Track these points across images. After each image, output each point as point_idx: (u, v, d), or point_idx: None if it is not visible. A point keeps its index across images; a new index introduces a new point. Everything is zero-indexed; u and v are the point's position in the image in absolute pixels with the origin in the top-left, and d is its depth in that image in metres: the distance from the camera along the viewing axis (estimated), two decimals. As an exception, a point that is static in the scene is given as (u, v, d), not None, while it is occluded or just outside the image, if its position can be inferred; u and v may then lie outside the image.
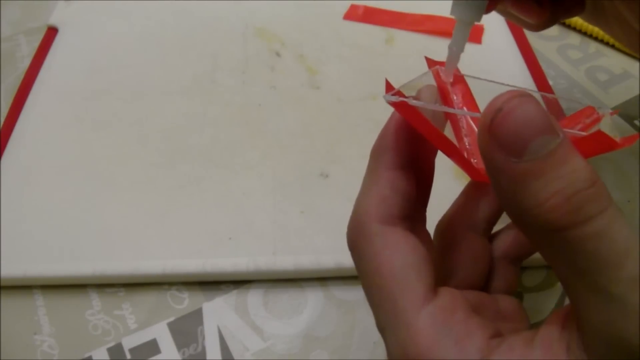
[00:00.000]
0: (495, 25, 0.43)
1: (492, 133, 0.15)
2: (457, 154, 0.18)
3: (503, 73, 0.39)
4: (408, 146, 0.18)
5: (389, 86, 0.17)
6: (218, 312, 0.28)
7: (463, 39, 0.22)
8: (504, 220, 0.23)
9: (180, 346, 0.27)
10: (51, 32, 0.43)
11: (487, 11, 0.24)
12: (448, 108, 0.20)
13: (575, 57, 0.42)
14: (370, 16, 0.44)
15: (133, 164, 0.34)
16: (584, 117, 0.20)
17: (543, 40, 0.43)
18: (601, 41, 0.43)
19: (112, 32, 0.43)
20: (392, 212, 0.18)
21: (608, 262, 0.14)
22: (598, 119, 0.20)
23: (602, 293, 0.14)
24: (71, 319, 0.28)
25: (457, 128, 0.20)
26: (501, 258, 0.23)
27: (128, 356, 0.27)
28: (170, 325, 0.28)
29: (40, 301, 0.29)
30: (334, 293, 0.29)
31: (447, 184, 0.23)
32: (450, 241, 0.22)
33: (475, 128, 0.20)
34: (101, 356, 0.27)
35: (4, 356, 0.27)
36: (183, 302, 0.29)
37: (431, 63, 0.22)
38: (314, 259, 0.29)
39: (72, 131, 0.36)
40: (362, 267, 0.18)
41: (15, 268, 0.29)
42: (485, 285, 0.22)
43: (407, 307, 0.16)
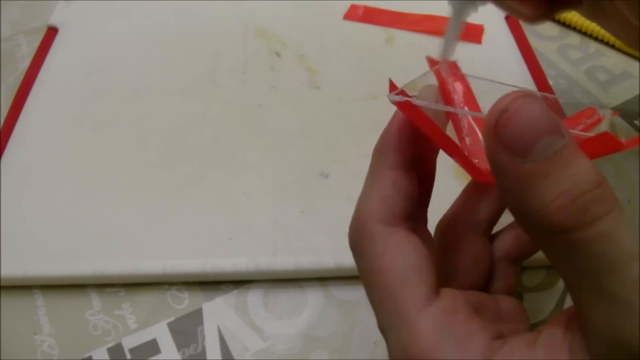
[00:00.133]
0: (495, 25, 0.43)
1: (497, 134, 0.14)
2: (459, 154, 0.18)
3: (503, 73, 0.39)
4: (410, 146, 0.18)
5: (393, 86, 0.17)
6: (218, 312, 0.28)
7: (456, 29, 0.22)
8: (504, 220, 0.23)
9: (180, 346, 0.27)
10: (51, 32, 0.43)
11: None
12: (452, 108, 0.20)
13: (575, 57, 0.42)
14: (370, 16, 0.44)
15: (133, 164, 0.34)
16: (585, 118, 0.20)
17: (543, 40, 0.43)
18: (601, 41, 0.43)
19: (112, 32, 0.43)
20: (394, 212, 0.18)
21: (613, 264, 0.14)
22: (599, 120, 0.20)
23: (606, 295, 0.14)
24: (71, 319, 0.28)
25: (459, 127, 0.20)
26: (502, 258, 0.23)
27: (128, 356, 0.27)
28: (170, 325, 0.28)
29: (40, 301, 0.29)
30: (334, 293, 0.29)
31: (448, 184, 0.23)
32: (450, 241, 0.22)
33: (476, 128, 0.20)
34: (101, 356, 0.27)
35: (4, 356, 0.27)
36: (183, 302, 0.29)
37: (433, 63, 0.22)
38: (314, 259, 0.29)
39: (72, 131, 0.36)
40: (364, 267, 0.18)
41: (15, 268, 0.29)
42: (485, 285, 0.22)
43: (409, 308, 0.16)
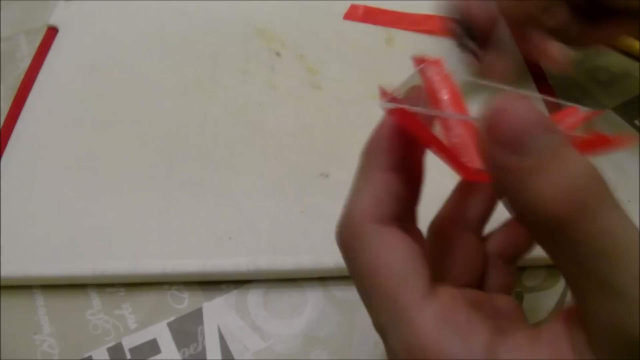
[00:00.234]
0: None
1: (493, 133, 0.15)
2: (448, 154, 0.18)
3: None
4: (400, 148, 0.19)
5: (384, 93, 0.17)
6: (218, 312, 0.28)
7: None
8: (498, 219, 0.23)
9: (180, 346, 0.27)
10: (51, 32, 0.43)
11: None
12: (442, 112, 0.20)
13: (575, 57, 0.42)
14: (370, 16, 0.44)
15: (133, 164, 0.34)
16: (568, 117, 0.20)
17: (543, 40, 0.43)
18: (601, 41, 0.43)
19: (112, 32, 0.43)
20: (387, 213, 0.18)
21: (613, 259, 0.14)
22: (582, 119, 0.20)
23: (607, 289, 0.14)
24: (71, 319, 0.28)
25: (447, 128, 0.20)
26: (497, 257, 0.23)
27: (128, 356, 0.27)
28: (170, 325, 0.28)
29: (40, 301, 0.29)
30: (334, 293, 0.29)
31: (445, 184, 0.23)
32: (443, 241, 0.22)
33: (464, 128, 0.20)
34: (101, 356, 0.27)
35: (4, 356, 0.27)
36: (183, 302, 0.29)
37: (418, 62, 0.22)
38: (314, 259, 0.29)
39: (72, 131, 0.36)
40: (358, 268, 0.18)
41: (15, 268, 0.29)
42: (481, 285, 0.22)
43: (408, 306, 0.16)
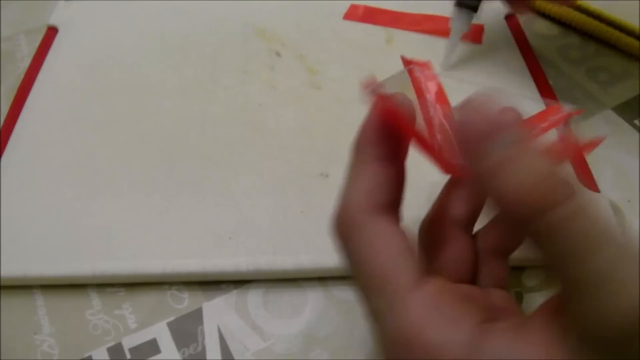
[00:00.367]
0: (495, 25, 0.43)
1: (460, 136, 0.16)
2: (430, 149, 0.19)
3: (503, 73, 0.39)
4: (388, 139, 0.19)
5: (367, 84, 0.18)
6: (218, 312, 0.28)
7: (458, 36, 0.23)
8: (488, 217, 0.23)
9: (180, 346, 0.27)
10: (51, 32, 0.43)
11: None
12: (420, 105, 0.21)
13: (575, 57, 0.42)
14: (370, 16, 0.44)
15: (133, 164, 0.34)
16: (550, 116, 0.21)
17: (543, 40, 0.43)
18: (601, 41, 0.43)
19: (112, 32, 0.43)
20: (379, 202, 0.19)
21: (581, 248, 0.14)
22: (563, 118, 0.21)
23: (578, 281, 0.14)
24: (71, 319, 0.28)
25: (430, 124, 0.21)
26: (488, 253, 0.23)
27: (128, 356, 0.27)
28: (170, 325, 0.28)
29: (40, 301, 0.29)
30: (334, 293, 0.29)
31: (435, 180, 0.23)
32: (433, 238, 0.22)
33: (447, 125, 0.21)
34: (101, 356, 0.27)
35: (4, 356, 0.27)
36: (183, 302, 0.29)
37: (406, 62, 0.23)
38: (314, 259, 0.29)
39: (72, 131, 0.36)
40: (355, 256, 0.18)
41: (15, 268, 0.29)
42: (475, 281, 0.23)
43: (399, 291, 0.17)
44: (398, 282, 0.17)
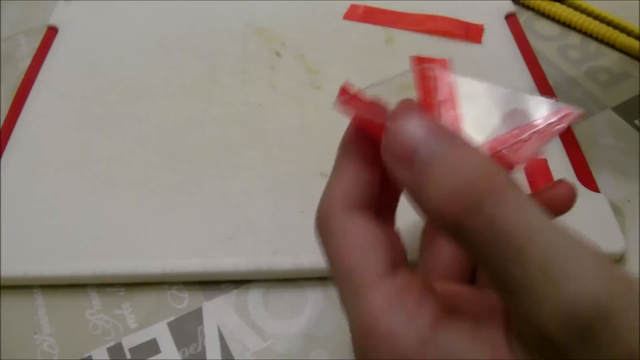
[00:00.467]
0: (495, 25, 0.43)
1: (386, 153, 0.17)
2: None
3: (503, 73, 0.39)
4: (366, 143, 0.20)
5: (343, 90, 0.19)
6: (218, 312, 0.28)
7: None
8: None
9: (180, 346, 0.27)
10: (51, 32, 0.43)
11: None
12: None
13: (575, 57, 0.42)
14: (370, 16, 0.44)
15: (133, 164, 0.34)
16: (549, 115, 0.21)
17: (543, 40, 0.43)
18: (601, 41, 0.43)
19: (112, 32, 0.43)
20: (356, 201, 0.19)
21: (508, 250, 0.14)
22: (567, 116, 0.20)
23: (513, 286, 0.14)
24: (71, 319, 0.28)
25: None
26: None
27: (128, 356, 0.27)
28: (170, 325, 0.28)
29: (40, 301, 0.29)
30: (334, 293, 0.29)
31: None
32: (430, 237, 0.23)
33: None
34: (101, 356, 0.27)
35: (4, 356, 0.27)
36: (183, 302, 0.29)
37: (419, 61, 0.22)
38: (314, 259, 0.29)
39: (72, 131, 0.36)
40: (329, 250, 0.19)
41: (15, 268, 0.29)
42: (474, 280, 0.23)
43: (365, 283, 0.17)
44: (364, 275, 0.18)
